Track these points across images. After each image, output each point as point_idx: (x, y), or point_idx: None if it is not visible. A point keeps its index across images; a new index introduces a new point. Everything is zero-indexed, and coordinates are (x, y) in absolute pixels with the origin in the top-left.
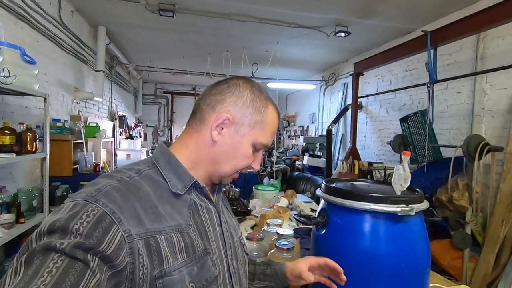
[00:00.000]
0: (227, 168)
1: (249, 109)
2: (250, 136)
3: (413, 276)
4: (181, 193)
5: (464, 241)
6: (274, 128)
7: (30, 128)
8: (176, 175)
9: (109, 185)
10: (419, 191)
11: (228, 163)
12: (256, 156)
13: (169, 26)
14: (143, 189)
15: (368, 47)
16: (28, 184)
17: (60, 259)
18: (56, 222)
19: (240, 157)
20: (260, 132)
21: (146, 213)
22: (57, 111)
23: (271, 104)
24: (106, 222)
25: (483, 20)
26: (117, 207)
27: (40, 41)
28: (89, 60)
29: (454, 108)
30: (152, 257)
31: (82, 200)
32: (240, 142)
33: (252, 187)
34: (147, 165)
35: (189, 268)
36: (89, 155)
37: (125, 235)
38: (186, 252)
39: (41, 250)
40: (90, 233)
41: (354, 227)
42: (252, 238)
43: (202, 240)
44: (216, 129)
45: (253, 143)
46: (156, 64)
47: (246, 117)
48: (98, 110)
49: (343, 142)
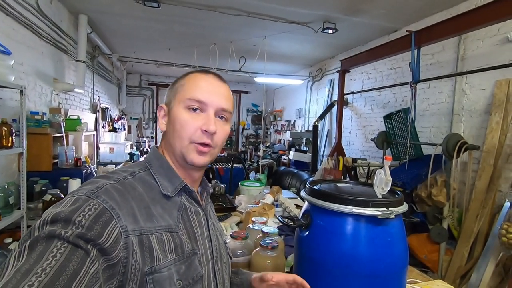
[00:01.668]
0: (176, 143)
1: (172, 88)
2: (176, 101)
3: (392, 277)
4: (171, 195)
5: (440, 235)
6: (198, 82)
7: (5, 122)
8: (167, 179)
9: (108, 184)
10: (399, 194)
11: (175, 138)
12: (203, 118)
13: (154, 16)
14: (137, 190)
15: (354, 44)
16: (4, 179)
17: (63, 246)
18: (60, 213)
19: (178, 125)
20: (182, 92)
21: (140, 212)
22: (35, 103)
23: (193, 71)
24: (106, 217)
25: (465, 23)
26: (116, 204)
27: (16, 29)
28: (70, 50)
29: (435, 107)
30: (144, 253)
31: (83, 195)
32: (172, 113)
33: (238, 182)
34: (140, 168)
35: (177, 266)
36: (70, 149)
37: (122, 231)
38: (175, 251)
39: (45, 237)
40: (91, 225)
41: (336, 229)
42: (237, 237)
43: (190, 240)
44: (161, 121)
45: (183, 104)
46: (140, 55)
47: (169, 94)
48: (79, 102)
49: (329, 137)
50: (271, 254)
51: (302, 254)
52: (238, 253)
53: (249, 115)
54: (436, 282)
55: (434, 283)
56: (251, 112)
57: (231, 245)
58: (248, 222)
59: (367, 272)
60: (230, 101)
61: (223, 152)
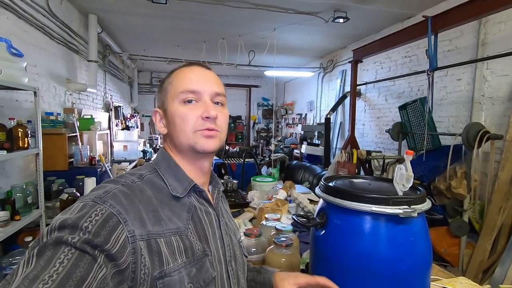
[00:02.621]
0: (180, 137)
1: (159, 90)
2: (170, 99)
3: (414, 278)
4: (181, 196)
5: (461, 228)
6: (186, 74)
7: (21, 124)
8: (176, 179)
9: (115, 188)
10: (422, 190)
11: (178, 132)
12: (201, 106)
13: (162, 13)
14: (145, 193)
15: (367, 33)
16: (23, 179)
17: (71, 252)
18: (67, 220)
19: (178, 120)
20: (173, 89)
21: (148, 216)
22: (49, 104)
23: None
24: (113, 222)
25: (485, 5)
26: (123, 209)
27: (28, 31)
28: (81, 50)
29: (454, 96)
30: (153, 258)
31: (90, 201)
32: (171, 112)
33: (250, 177)
34: (148, 170)
35: (188, 270)
36: (84, 148)
37: (129, 236)
38: (185, 254)
39: (53, 243)
40: (98, 231)
41: (354, 229)
42: (251, 234)
43: (201, 242)
44: (159, 125)
45: (177, 99)
46: (150, 52)
47: (160, 96)
48: (92, 101)
49: (342, 130)
50: (286, 252)
51: (318, 254)
52: (252, 251)
53: (259, 109)
54: (459, 279)
55: (457, 280)
56: (262, 107)
57: (244, 243)
58: (261, 219)
59: (388, 273)
60: (221, 85)
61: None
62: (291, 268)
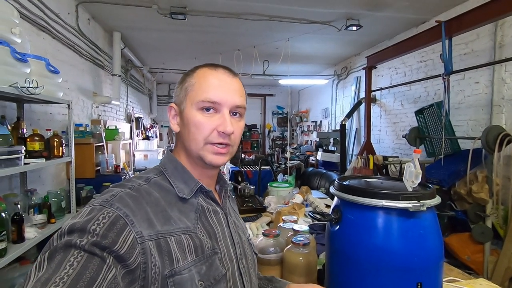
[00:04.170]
0: (192, 145)
1: (180, 87)
2: (188, 102)
3: (426, 270)
4: (187, 197)
5: (484, 234)
6: (209, 80)
7: (56, 134)
8: (183, 181)
9: (122, 191)
10: (431, 187)
11: (190, 139)
12: (218, 118)
13: (180, 28)
14: (153, 195)
15: (380, 39)
16: (55, 186)
17: (80, 255)
18: (75, 224)
19: (192, 127)
20: (193, 93)
21: (157, 216)
22: (78, 116)
23: (201, 67)
24: (120, 224)
25: (501, 7)
26: (130, 211)
27: (60, 50)
28: (106, 65)
29: (472, 99)
30: (163, 257)
31: (98, 205)
32: (185, 115)
33: (267, 184)
34: (155, 173)
35: (198, 267)
36: (110, 157)
37: (137, 237)
38: (195, 252)
39: (63, 247)
40: (105, 233)
41: (367, 223)
42: (269, 235)
43: (211, 240)
44: (172, 121)
45: (196, 106)
46: (169, 65)
47: (179, 93)
48: (115, 113)
49: (357, 136)
50: (303, 251)
51: (333, 248)
52: (270, 250)
53: (274, 117)
54: (478, 281)
55: (477, 281)
56: (277, 115)
57: (263, 243)
58: (278, 222)
59: (400, 265)
60: (243, 96)
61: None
62: (309, 267)
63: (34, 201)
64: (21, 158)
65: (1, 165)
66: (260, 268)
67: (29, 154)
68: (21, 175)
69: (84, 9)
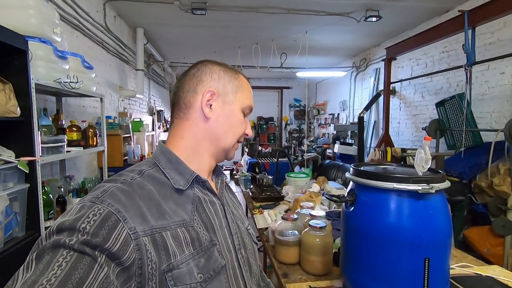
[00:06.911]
0: (228, 139)
1: (225, 78)
2: (236, 101)
3: (434, 247)
4: (183, 188)
5: (505, 227)
6: (251, 92)
7: (91, 125)
8: (178, 172)
9: (114, 186)
10: (441, 173)
11: (228, 133)
12: (246, 122)
13: (200, 23)
14: (146, 189)
15: (401, 29)
16: (88, 174)
17: (69, 254)
18: (64, 222)
19: (236, 123)
20: (243, 95)
21: (151, 211)
22: (107, 109)
23: (239, 72)
24: (112, 221)
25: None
26: (122, 206)
27: (91, 47)
28: (130, 60)
29: (496, 90)
30: (159, 252)
31: (88, 202)
32: (231, 110)
33: (284, 175)
34: (148, 165)
35: (196, 260)
36: (136, 147)
37: (131, 233)
38: (192, 245)
39: (51, 246)
40: (96, 231)
41: (380, 204)
42: (287, 218)
43: (208, 232)
44: (207, 107)
45: (241, 107)
46: (189, 60)
47: (226, 86)
48: (139, 106)
49: (376, 129)
50: (320, 234)
51: (348, 226)
52: (289, 233)
53: (291, 110)
54: (491, 267)
55: (490, 267)
56: (294, 107)
57: (282, 226)
58: (296, 208)
59: (409, 241)
60: None
61: (267, 148)
62: (325, 248)
63: (73, 186)
64: (64, 146)
65: (48, 152)
66: (278, 249)
67: (68, 143)
68: (61, 163)
69: (111, 7)
